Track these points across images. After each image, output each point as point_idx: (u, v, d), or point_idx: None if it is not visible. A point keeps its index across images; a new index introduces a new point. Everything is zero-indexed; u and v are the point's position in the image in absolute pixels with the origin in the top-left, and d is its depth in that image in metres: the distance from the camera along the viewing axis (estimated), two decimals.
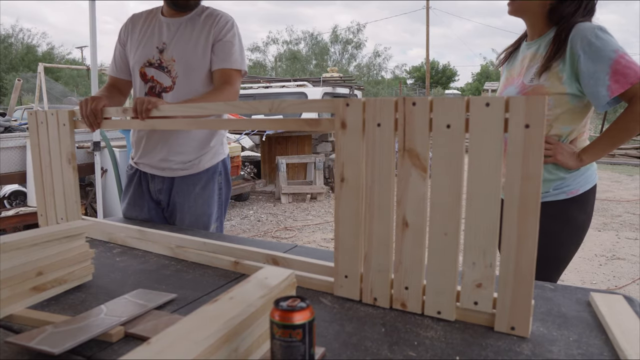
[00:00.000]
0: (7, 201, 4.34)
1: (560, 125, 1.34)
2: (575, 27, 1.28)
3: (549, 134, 1.35)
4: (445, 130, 0.82)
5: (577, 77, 1.29)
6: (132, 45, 1.69)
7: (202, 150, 1.70)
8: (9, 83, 20.59)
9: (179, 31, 1.63)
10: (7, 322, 0.89)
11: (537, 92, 1.32)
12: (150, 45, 1.64)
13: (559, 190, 1.38)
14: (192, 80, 1.62)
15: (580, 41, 1.26)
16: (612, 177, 7.98)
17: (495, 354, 0.75)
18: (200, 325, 0.63)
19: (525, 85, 1.37)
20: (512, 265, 0.79)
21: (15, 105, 8.00)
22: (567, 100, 1.31)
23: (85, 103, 1.43)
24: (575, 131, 1.36)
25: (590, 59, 1.25)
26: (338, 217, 0.96)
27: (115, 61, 1.76)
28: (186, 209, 1.70)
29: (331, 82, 8.43)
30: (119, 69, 1.74)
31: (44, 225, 1.54)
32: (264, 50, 27.46)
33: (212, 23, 1.61)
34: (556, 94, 1.31)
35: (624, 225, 4.86)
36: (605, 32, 1.26)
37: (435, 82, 38.47)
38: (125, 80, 1.75)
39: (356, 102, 0.91)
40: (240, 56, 1.64)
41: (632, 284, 3.30)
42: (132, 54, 1.68)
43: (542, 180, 1.36)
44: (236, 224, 5.11)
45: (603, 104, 1.25)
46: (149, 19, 1.69)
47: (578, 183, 1.37)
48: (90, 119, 1.43)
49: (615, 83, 1.23)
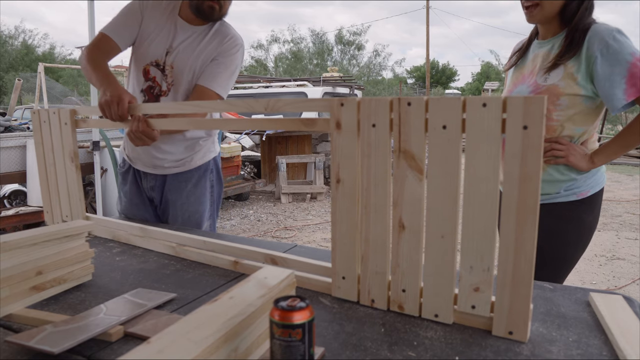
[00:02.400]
0: (7, 201, 4.35)
1: (572, 126, 1.34)
2: (592, 28, 1.28)
3: (561, 134, 1.35)
4: (441, 131, 0.80)
5: (592, 79, 1.28)
6: (145, 32, 1.60)
7: (192, 149, 1.69)
8: (8, 83, 20.58)
9: (186, 40, 1.59)
10: (7, 321, 0.89)
11: (551, 93, 1.32)
12: (163, 44, 1.59)
13: (569, 191, 1.38)
14: (184, 91, 1.60)
15: (597, 43, 1.25)
16: (612, 177, 7.98)
17: (494, 354, 0.75)
18: (199, 325, 0.63)
19: (539, 85, 1.36)
20: (511, 269, 0.77)
21: (15, 105, 8.00)
22: (580, 101, 1.31)
23: (108, 106, 1.34)
24: (587, 133, 1.36)
25: (607, 61, 1.24)
26: (335, 218, 0.95)
27: (120, 24, 1.58)
28: (179, 206, 1.71)
29: (331, 82, 8.42)
30: (121, 36, 1.57)
31: (50, 222, 1.55)
32: (267, 49, 27.44)
33: (220, 42, 1.59)
34: (570, 94, 1.31)
35: (624, 225, 4.85)
36: (622, 34, 1.25)
37: (436, 81, 38.45)
38: (117, 47, 1.57)
39: (351, 102, 0.89)
40: (226, 82, 1.59)
41: (631, 284, 3.30)
42: (142, 43, 1.60)
43: (553, 181, 1.37)
44: (236, 223, 5.11)
45: (618, 107, 1.25)
46: (166, 13, 1.61)
47: (588, 185, 1.38)
48: (119, 119, 1.35)
49: (631, 87, 1.23)
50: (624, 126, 1.35)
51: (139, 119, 1.33)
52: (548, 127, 1.35)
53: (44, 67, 7.20)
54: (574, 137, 1.36)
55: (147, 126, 1.33)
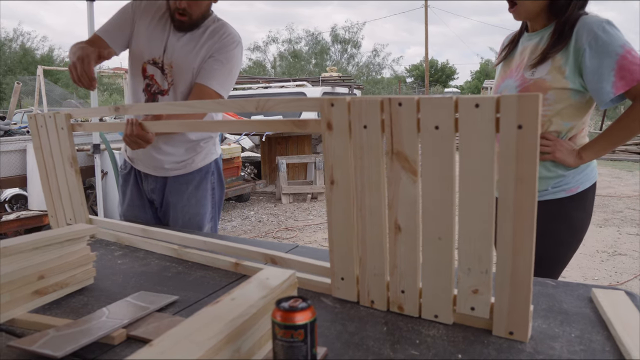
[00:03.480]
0: (8, 205, 4.34)
1: (560, 120, 1.31)
2: (580, 20, 1.24)
3: (548, 129, 1.32)
4: (433, 132, 0.78)
5: (581, 72, 1.24)
6: (139, 31, 1.60)
7: (193, 151, 1.69)
8: (7, 86, 20.56)
9: (182, 38, 1.59)
10: (9, 326, 0.89)
11: (538, 87, 1.29)
12: (160, 42, 1.59)
13: (558, 188, 1.34)
14: (185, 90, 1.60)
15: (586, 34, 1.21)
16: (612, 173, 7.97)
17: (497, 351, 0.75)
18: (202, 327, 0.63)
19: (525, 78, 1.33)
20: (509, 270, 0.76)
21: (14, 109, 8.00)
22: (568, 95, 1.27)
23: (74, 67, 1.34)
24: (575, 128, 1.33)
25: (595, 54, 1.20)
26: (330, 219, 0.94)
27: (112, 26, 1.61)
28: (179, 208, 1.70)
29: (330, 82, 8.43)
30: (112, 36, 1.59)
31: (55, 226, 1.56)
32: (264, 50, 27.45)
33: (217, 39, 1.58)
34: (558, 88, 1.27)
35: (625, 221, 4.85)
36: (612, 26, 1.21)
37: (435, 80, 38.41)
38: (105, 44, 1.58)
39: (341, 102, 0.87)
40: (226, 79, 1.57)
41: (633, 279, 3.29)
42: (138, 43, 1.61)
43: (540, 178, 1.32)
44: (237, 225, 5.11)
45: (606, 101, 1.21)
46: (162, 10, 1.61)
47: (577, 180, 1.34)
48: (84, 82, 1.35)
49: (620, 80, 1.19)
50: (613, 121, 1.31)
51: (133, 122, 1.34)
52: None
53: (43, 69, 7.21)
54: (561, 132, 1.32)
55: (141, 129, 1.34)
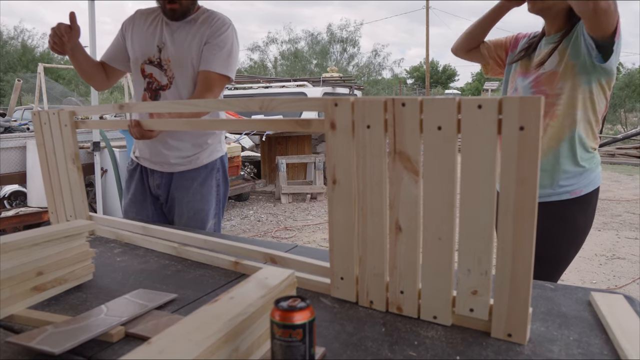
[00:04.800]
0: (7, 201, 4.34)
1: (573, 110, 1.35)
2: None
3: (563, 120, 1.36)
4: (436, 132, 0.79)
5: (579, 45, 1.31)
6: (133, 39, 1.70)
7: (199, 147, 1.72)
8: (7, 84, 20.55)
9: (176, 32, 1.64)
10: (8, 322, 0.89)
11: (551, 78, 1.35)
12: (152, 43, 1.66)
13: (562, 190, 1.37)
14: (187, 82, 1.64)
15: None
16: (611, 176, 7.97)
17: (495, 353, 0.75)
18: (200, 325, 0.63)
19: (539, 74, 1.39)
20: (509, 272, 0.76)
21: (15, 106, 7.99)
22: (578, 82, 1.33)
23: (50, 36, 1.54)
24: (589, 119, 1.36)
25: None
26: (331, 218, 0.94)
27: (110, 49, 1.78)
28: (185, 203, 1.72)
29: (331, 82, 8.43)
30: (111, 56, 1.77)
31: (55, 222, 1.56)
32: (264, 50, 27.42)
33: (208, 25, 1.62)
34: (567, 77, 1.33)
35: (624, 224, 4.85)
36: None
37: (435, 81, 38.43)
38: (112, 67, 1.78)
39: (344, 102, 0.88)
40: (227, 61, 1.61)
41: (632, 283, 3.30)
42: (134, 49, 1.70)
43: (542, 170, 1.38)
44: (236, 224, 5.11)
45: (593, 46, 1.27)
46: (152, 16, 1.71)
47: (582, 184, 1.37)
48: (57, 42, 1.53)
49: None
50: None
51: (132, 124, 1.40)
52: (550, 112, 1.36)
53: (43, 67, 7.20)
54: (576, 122, 1.35)
55: (141, 128, 1.40)
